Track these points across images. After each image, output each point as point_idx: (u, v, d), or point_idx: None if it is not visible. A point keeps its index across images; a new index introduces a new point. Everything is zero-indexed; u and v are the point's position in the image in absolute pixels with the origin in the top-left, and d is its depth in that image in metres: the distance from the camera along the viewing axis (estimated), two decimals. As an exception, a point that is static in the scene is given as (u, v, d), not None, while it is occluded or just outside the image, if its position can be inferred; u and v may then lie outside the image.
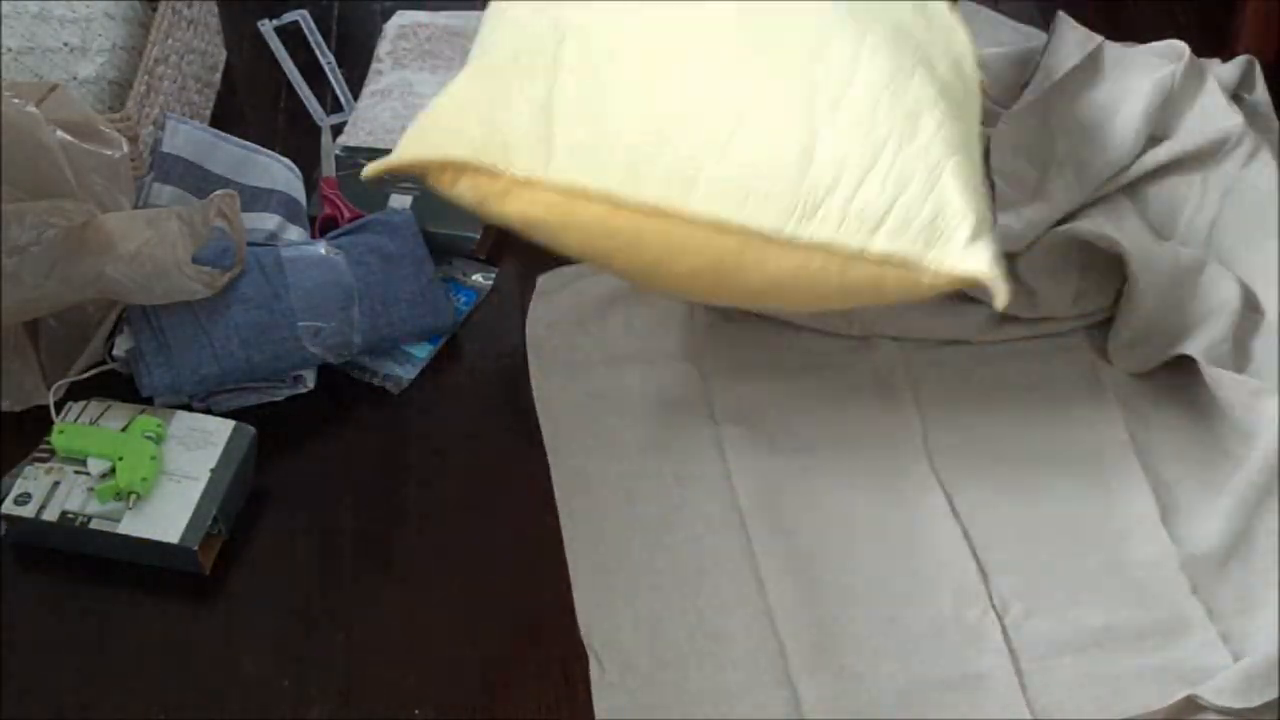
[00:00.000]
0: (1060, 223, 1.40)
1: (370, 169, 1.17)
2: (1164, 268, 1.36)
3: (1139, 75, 1.48)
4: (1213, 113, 1.46)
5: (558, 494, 1.27)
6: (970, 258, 1.05)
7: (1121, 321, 1.37)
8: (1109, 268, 1.39)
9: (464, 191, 1.13)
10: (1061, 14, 1.55)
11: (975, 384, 1.36)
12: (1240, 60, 1.54)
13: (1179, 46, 1.50)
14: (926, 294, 1.10)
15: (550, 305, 1.42)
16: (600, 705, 1.13)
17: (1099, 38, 1.51)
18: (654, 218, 1.07)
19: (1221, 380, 1.29)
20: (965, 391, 1.35)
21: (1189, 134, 1.45)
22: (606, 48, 1.13)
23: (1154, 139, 1.45)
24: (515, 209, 1.12)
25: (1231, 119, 1.45)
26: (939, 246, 1.05)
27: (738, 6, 1.14)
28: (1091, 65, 1.49)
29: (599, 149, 1.09)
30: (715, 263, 1.10)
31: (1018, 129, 1.45)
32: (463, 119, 1.13)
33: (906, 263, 1.06)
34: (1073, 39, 1.51)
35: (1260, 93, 1.54)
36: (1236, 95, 1.52)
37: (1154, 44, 1.53)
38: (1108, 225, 1.38)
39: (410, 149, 1.15)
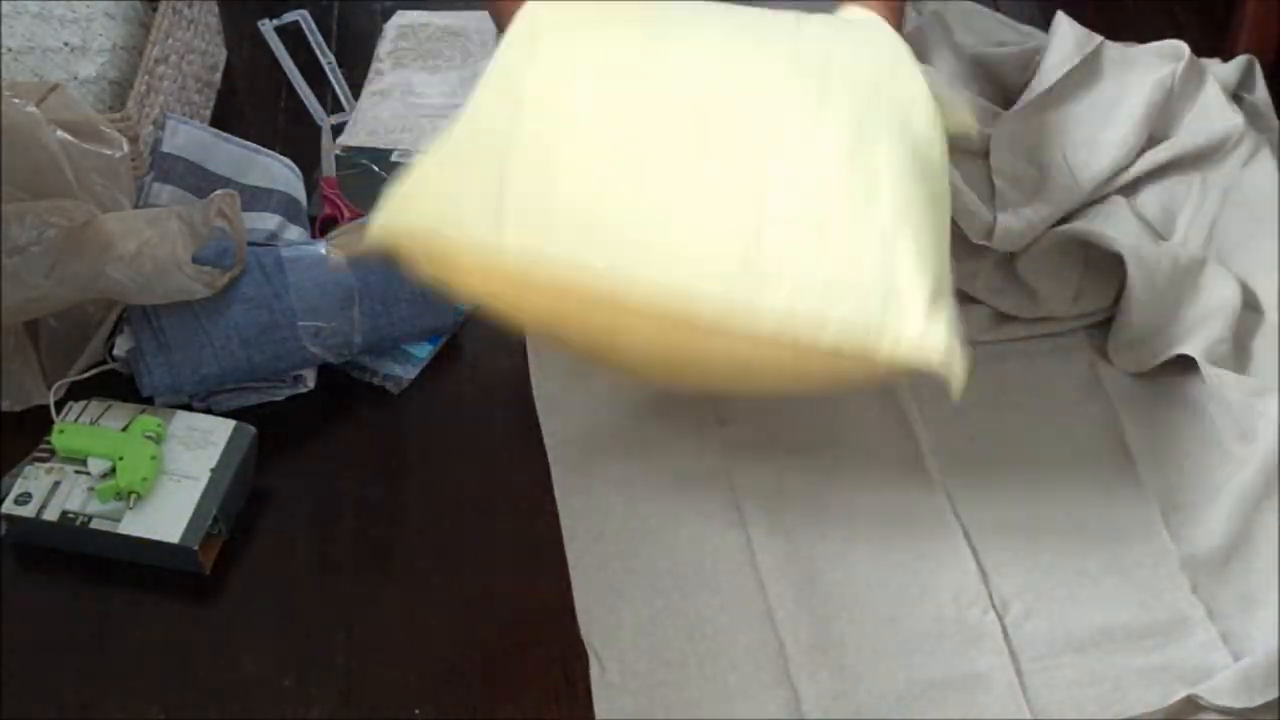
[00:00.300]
0: (1060, 223, 1.40)
1: (338, 258, 1.16)
2: (1163, 268, 1.36)
3: (1139, 75, 1.48)
4: (1213, 113, 1.46)
5: (558, 494, 1.27)
6: (923, 343, 1.00)
7: (1121, 321, 1.37)
8: (1109, 268, 1.39)
9: (428, 267, 1.09)
10: (1061, 14, 1.55)
11: (975, 384, 1.35)
12: (1240, 60, 1.54)
13: (1179, 46, 1.50)
14: (886, 378, 1.06)
15: (550, 305, 1.43)
16: (600, 705, 1.13)
17: (1099, 38, 1.51)
18: (600, 302, 1.04)
19: (1221, 380, 1.29)
20: (965, 391, 1.35)
21: (1189, 134, 1.45)
22: (562, 117, 1.09)
23: (1154, 139, 1.45)
24: (471, 288, 1.09)
25: (1231, 119, 1.45)
26: (890, 333, 1.00)
27: (696, 92, 1.09)
28: (1091, 65, 1.50)
29: (546, 218, 1.05)
30: (666, 350, 1.07)
31: (1018, 129, 1.45)
32: (422, 195, 1.10)
33: (858, 352, 1.01)
34: (1072, 39, 1.51)
35: (1260, 93, 1.54)
36: (1236, 95, 1.52)
37: (1154, 44, 1.53)
38: (1107, 225, 1.38)
39: (373, 232, 1.11)
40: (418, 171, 1.11)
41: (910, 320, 1.00)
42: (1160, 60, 1.50)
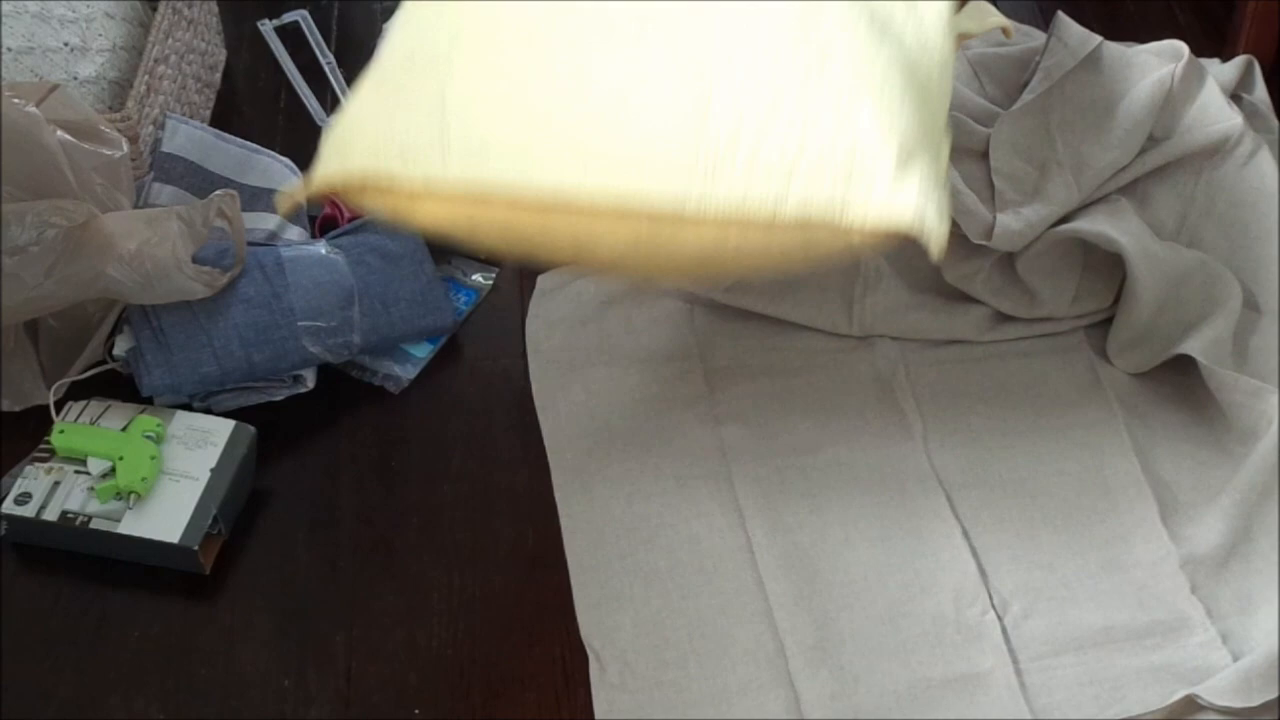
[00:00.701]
0: (1060, 222, 1.40)
1: (283, 205, 1.10)
2: (1164, 268, 1.36)
3: (1139, 75, 1.48)
4: (1212, 113, 1.46)
5: (558, 494, 1.27)
6: (890, 207, 0.92)
7: (1121, 321, 1.37)
8: (1109, 268, 1.39)
9: (376, 207, 1.05)
10: (1061, 14, 1.55)
11: (975, 384, 1.36)
12: (1240, 60, 1.55)
13: (1179, 46, 1.50)
14: (865, 249, 0.99)
15: (550, 305, 1.43)
16: (600, 705, 1.13)
17: (1099, 38, 1.51)
18: (553, 211, 0.99)
19: (1221, 380, 1.29)
20: (965, 391, 1.35)
21: (1189, 134, 1.45)
22: (498, 39, 1.04)
23: (1154, 139, 1.45)
24: (425, 218, 1.04)
25: (1231, 119, 1.45)
26: (858, 197, 0.93)
27: None
28: (1091, 65, 1.50)
29: (489, 142, 1.00)
30: (633, 246, 1.01)
31: (1018, 129, 1.45)
32: (361, 132, 1.05)
33: (827, 221, 0.95)
34: (1072, 39, 1.52)
35: (1260, 93, 1.54)
36: (1236, 95, 1.52)
37: (1154, 44, 1.53)
38: (1108, 225, 1.38)
39: (315, 178, 1.07)
40: (352, 111, 1.06)
41: (876, 185, 0.93)
42: (1160, 60, 1.50)
